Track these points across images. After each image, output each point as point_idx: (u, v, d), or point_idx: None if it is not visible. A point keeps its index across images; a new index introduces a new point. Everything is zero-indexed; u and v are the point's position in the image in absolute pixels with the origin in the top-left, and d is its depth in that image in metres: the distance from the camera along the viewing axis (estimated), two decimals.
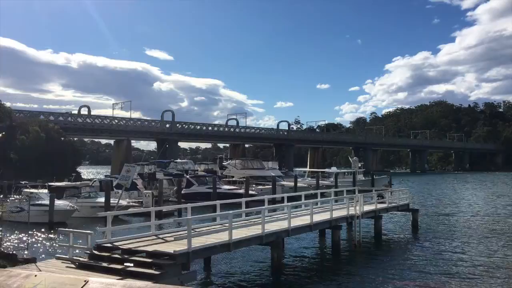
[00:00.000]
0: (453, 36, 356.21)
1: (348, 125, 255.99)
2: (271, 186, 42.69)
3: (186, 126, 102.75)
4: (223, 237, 13.88)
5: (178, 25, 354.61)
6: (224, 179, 51.67)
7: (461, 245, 21.18)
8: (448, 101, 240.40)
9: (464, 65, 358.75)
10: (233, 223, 14.21)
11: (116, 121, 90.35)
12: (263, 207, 17.26)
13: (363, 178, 62.05)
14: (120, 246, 13.07)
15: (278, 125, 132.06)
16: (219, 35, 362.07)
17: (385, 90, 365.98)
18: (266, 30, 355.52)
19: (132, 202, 34.60)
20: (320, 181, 50.73)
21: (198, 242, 12.99)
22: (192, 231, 12.91)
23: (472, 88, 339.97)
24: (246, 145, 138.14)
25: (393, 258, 18.56)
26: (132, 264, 11.74)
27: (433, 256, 18.74)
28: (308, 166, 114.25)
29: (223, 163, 62.57)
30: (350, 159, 73.04)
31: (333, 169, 64.19)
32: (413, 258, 18.35)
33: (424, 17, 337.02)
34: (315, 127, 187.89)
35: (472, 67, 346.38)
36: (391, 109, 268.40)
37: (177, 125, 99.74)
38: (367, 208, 22.60)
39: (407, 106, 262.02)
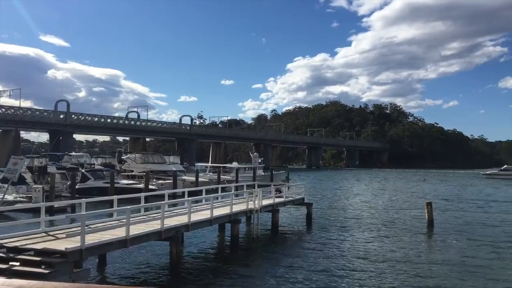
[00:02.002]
0: (350, 40, 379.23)
1: (250, 122, 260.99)
2: (172, 181, 42.17)
3: (83, 118, 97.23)
4: (119, 233, 13.48)
5: (77, 11, 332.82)
6: (123, 173, 49.97)
7: (350, 236, 22.81)
8: (342, 102, 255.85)
9: (358, 68, 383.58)
10: (131, 219, 13.86)
11: (3, 109, 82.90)
12: (163, 202, 17.05)
13: (263, 173, 63.80)
14: (5, 244, 12.09)
15: (180, 120, 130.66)
16: (121, 24, 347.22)
17: (286, 89, 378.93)
18: (171, 23, 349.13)
19: (20, 197, 32.08)
20: (221, 176, 51.18)
21: (93, 238, 12.50)
22: (86, 227, 12.37)
23: (364, 90, 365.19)
24: (147, 139, 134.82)
25: (288, 250, 19.45)
26: (18, 263, 10.96)
27: (324, 246, 19.97)
28: (210, 161, 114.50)
29: (122, 157, 60.48)
30: (250, 154, 74.59)
31: (234, 164, 65.08)
32: (307, 249, 19.40)
33: (325, 20, 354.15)
34: (218, 123, 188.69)
35: (365, 70, 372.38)
36: (290, 107, 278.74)
37: (73, 116, 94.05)
38: (265, 202, 23.36)
39: (305, 105, 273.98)
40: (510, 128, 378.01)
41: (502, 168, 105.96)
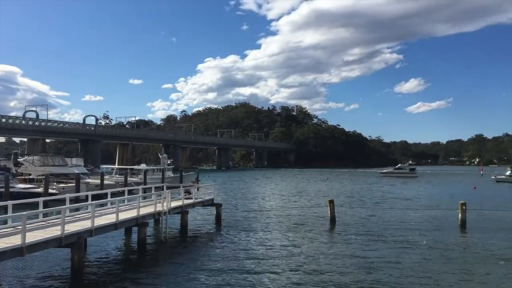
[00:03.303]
0: (259, 43, 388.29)
1: (159, 122, 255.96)
2: (74, 184, 40.04)
3: None
4: (14, 241, 12.59)
5: None
6: (20, 177, 46.50)
7: (258, 235, 23.37)
8: (251, 103, 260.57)
9: (267, 70, 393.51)
10: (28, 225, 13.00)
11: None
12: (64, 206, 16.18)
13: (172, 175, 62.91)
14: None
15: (84, 120, 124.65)
16: (19, 17, 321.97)
17: (196, 90, 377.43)
18: (75, 17, 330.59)
19: None
20: (128, 178, 49.58)
21: None
22: None
23: (273, 92, 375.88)
24: (48, 140, 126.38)
25: (197, 251, 19.43)
26: None
27: (233, 246, 20.25)
28: (116, 163, 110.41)
29: (19, 159, 56.15)
30: (159, 156, 73.21)
31: (142, 166, 63.46)
32: (215, 249, 19.54)
33: (235, 22, 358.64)
34: (125, 123, 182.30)
35: (274, 73, 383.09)
36: (201, 108, 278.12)
37: None
38: (174, 204, 23.11)
39: (215, 106, 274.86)
40: (403, 129, 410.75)
41: (396, 167, 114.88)
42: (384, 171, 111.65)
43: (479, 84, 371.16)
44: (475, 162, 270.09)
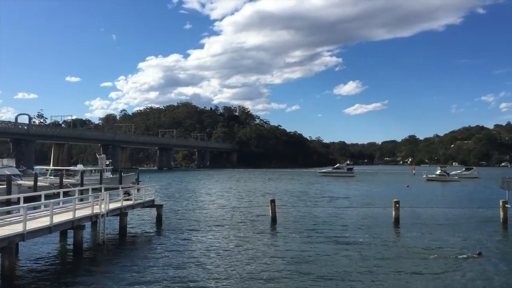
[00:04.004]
0: (202, 43, 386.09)
1: (98, 122, 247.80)
2: (5, 186, 37.89)
3: None
4: None
5: None
6: None
7: (199, 236, 23.28)
8: (194, 103, 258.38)
9: (210, 70, 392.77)
10: None
11: None
12: None
13: (111, 176, 61.11)
14: None
15: (16, 118, 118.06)
16: None
17: (137, 88, 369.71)
18: (8, 12, 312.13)
19: None
20: (64, 180, 47.62)
21: None
22: None
23: (216, 92, 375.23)
24: None
25: (136, 254, 19.06)
26: None
27: (174, 248, 20.04)
28: (51, 164, 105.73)
29: None
30: (97, 156, 70.89)
31: (79, 167, 61.21)
32: (155, 252, 19.24)
33: (178, 21, 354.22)
34: (61, 122, 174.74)
35: (217, 73, 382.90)
36: (142, 108, 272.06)
37: None
38: (113, 206, 22.50)
39: (157, 106, 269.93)
40: (342, 130, 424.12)
41: (334, 167, 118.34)
42: (323, 170, 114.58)
43: (412, 87, 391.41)
44: (408, 162, 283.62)
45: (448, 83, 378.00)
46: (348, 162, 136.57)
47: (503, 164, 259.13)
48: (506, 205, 27.04)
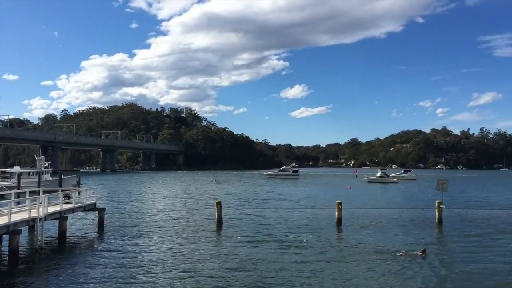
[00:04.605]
0: (149, 42, 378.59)
1: (37, 122, 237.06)
2: None
3: None
4: None
5: None
6: None
7: (143, 240, 22.83)
8: (139, 104, 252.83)
9: (157, 71, 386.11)
10: None
11: None
12: None
13: (50, 178, 58.56)
14: None
15: None
16: None
17: (80, 88, 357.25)
18: None
19: None
20: None
21: None
22: None
23: (163, 93, 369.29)
24: None
25: (76, 259, 18.40)
26: None
27: (116, 252, 19.54)
28: None
29: None
30: (36, 157, 67.74)
31: (16, 169, 58.11)
32: (96, 257, 18.69)
33: (123, 20, 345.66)
34: None
35: (164, 74, 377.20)
36: (84, 108, 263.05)
37: None
38: (51, 209, 21.62)
39: (100, 106, 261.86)
40: (288, 133, 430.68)
41: (280, 169, 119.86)
42: (269, 173, 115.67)
43: (355, 92, 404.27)
44: (351, 164, 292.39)
45: (388, 89, 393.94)
46: (294, 164, 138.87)
47: (438, 166, 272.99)
48: (441, 206, 28.54)
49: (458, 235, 24.69)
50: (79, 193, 27.36)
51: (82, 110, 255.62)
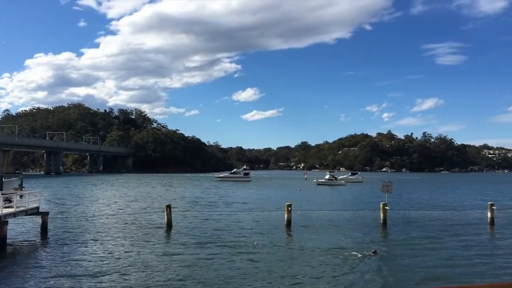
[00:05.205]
0: (98, 42, 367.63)
1: None
2: None
3: None
4: None
5: None
6: None
7: (90, 245, 22.19)
8: (87, 105, 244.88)
9: (106, 71, 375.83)
10: None
11: None
12: None
13: None
14: None
15: None
16: None
17: (23, 87, 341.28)
18: None
19: None
20: None
21: None
22: None
23: (112, 94, 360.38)
24: None
25: (16, 267, 17.62)
26: None
27: (59, 259, 18.88)
28: None
29: None
30: None
31: None
32: (39, 264, 18.02)
33: (71, 17, 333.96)
34: None
35: (113, 74, 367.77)
36: (27, 108, 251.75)
37: None
38: None
39: (45, 106, 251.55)
40: (240, 135, 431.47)
41: (231, 171, 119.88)
42: (220, 175, 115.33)
43: (306, 96, 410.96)
44: (301, 167, 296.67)
45: (337, 93, 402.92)
46: (245, 167, 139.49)
47: (384, 169, 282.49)
48: (386, 207, 29.60)
49: (401, 235, 25.72)
50: (21, 196, 26.19)
51: (25, 110, 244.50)
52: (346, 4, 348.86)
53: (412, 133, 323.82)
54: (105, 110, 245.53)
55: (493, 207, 30.82)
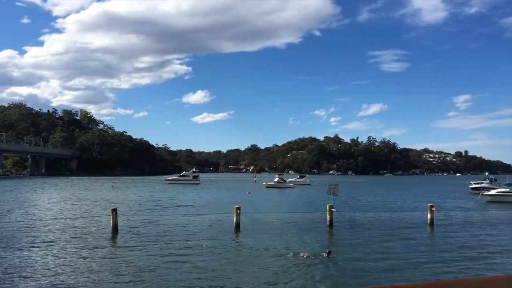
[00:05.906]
0: (42, 40, 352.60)
1: None
2: None
3: None
4: None
5: None
6: None
7: (30, 252, 21.19)
8: (29, 105, 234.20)
9: (50, 70, 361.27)
10: None
11: None
12: None
13: None
14: None
15: None
16: None
17: None
18: None
19: None
20: None
21: None
22: None
23: (56, 94, 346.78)
24: None
25: None
26: None
27: None
28: None
29: None
30: None
31: None
32: None
33: (13, 14, 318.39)
34: None
35: (58, 73, 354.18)
36: None
37: None
38: None
39: None
40: (189, 138, 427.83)
41: (180, 174, 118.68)
42: (169, 178, 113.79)
43: (256, 99, 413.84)
44: (250, 170, 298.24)
45: (287, 97, 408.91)
46: (194, 169, 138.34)
47: (331, 172, 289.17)
48: (332, 209, 30.32)
49: (347, 237, 26.46)
50: None
51: None
52: (296, 10, 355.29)
53: (358, 137, 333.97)
54: (48, 111, 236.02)
55: (432, 209, 32.30)
